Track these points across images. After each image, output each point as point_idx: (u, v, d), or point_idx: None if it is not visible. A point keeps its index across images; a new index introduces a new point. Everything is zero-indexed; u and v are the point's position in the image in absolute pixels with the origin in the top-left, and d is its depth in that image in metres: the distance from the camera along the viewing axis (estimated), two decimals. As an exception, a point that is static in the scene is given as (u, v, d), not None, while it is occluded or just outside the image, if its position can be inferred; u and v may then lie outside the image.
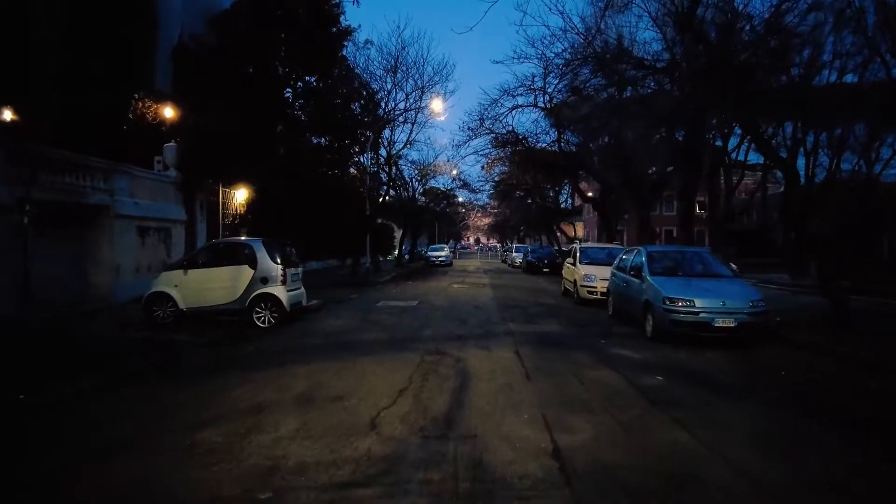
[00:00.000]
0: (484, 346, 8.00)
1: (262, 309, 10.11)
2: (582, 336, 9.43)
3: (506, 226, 60.15)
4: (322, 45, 19.58)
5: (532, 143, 20.82)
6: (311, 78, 21.18)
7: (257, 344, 8.49)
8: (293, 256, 11.40)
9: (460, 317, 11.17)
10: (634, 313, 10.15)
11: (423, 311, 12.00)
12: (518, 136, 20.20)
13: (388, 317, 11.13)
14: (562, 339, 9.01)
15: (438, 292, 16.95)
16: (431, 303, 13.79)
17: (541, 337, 9.17)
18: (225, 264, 10.32)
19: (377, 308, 12.69)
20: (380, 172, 27.56)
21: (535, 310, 12.90)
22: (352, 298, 15.10)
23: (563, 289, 16.79)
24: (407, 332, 9.19)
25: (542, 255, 28.90)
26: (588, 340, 8.96)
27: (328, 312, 12.03)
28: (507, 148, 20.92)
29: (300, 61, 19.70)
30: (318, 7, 19.33)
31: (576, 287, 14.47)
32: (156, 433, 4.40)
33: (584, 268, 14.42)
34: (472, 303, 13.95)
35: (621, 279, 11.00)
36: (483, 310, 12.50)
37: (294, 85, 21.05)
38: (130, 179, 13.25)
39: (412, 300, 14.34)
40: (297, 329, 9.80)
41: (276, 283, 10.20)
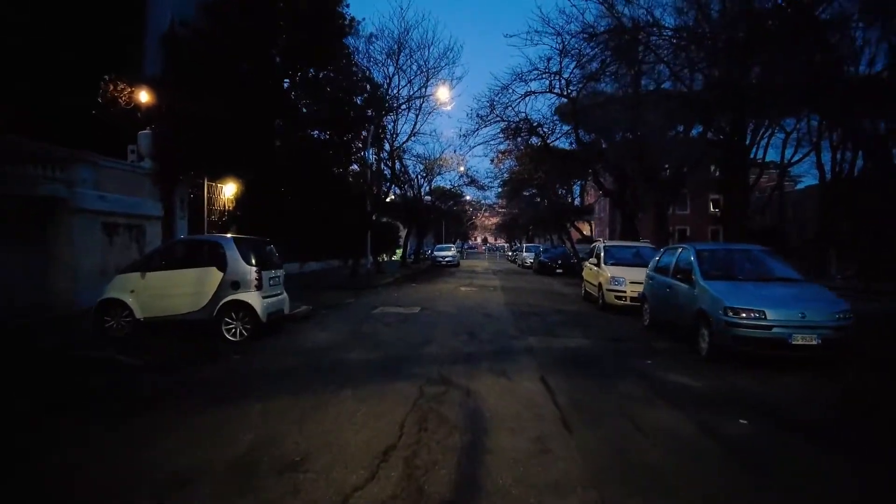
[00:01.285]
0: (500, 371, 6.28)
1: (233, 319, 8.46)
2: (619, 354, 7.68)
3: (514, 225, 58.30)
4: (323, 36, 18.10)
5: (548, 130, 19.03)
6: (312, 70, 19.65)
7: (218, 366, 6.84)
8: (273, 257, 9.75)
9: (469, 328, 9.46)
10: (681, 325, 8.40)
11: (425, 321, 10.30)
12: (532, 124, 18.40)
13: (384, 328, 9.44)
14: (596, 359, 7.28)
15: (444, 296, 15.25)
16: (436, 309, 12.09)
17: (569, 355, 7.44)
18: (189, 266, 8.69)
19: (373, 316, 11.01)
20: (382, 167, 25.93)
21: (556, 318, 11.16)
22: (347, 304, 13.43)
23: (583, 292, 15.03)
24: (404, 350, 7.49)
25: (555, 255, 27.11)
26: (629, 361, 7.22)
27: (316, 321, 10.37)
28: (519, 137, 19.08)
29: (299, 51, 18.18)
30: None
31: (601, 291, 12.71)
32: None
33: (611, 269, 12.65)
34: (483, 309, 12.23)
35: (662, 283, 9.24)
36: (495, 319, 10.78)
37: (293, 76, 19.45)
38: (94, 170, 11.66)
39: (414, 306, 12.64)
40: (273, 344, 8.14)
41: (249, 288, 8.56)
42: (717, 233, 49.80)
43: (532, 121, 18.22)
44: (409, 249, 37.78)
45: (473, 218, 68.28)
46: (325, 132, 21.48)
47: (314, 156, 21.26)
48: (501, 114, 17.53)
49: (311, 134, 21.22)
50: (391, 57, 20.55)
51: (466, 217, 63.87)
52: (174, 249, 9.24)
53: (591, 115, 19.24)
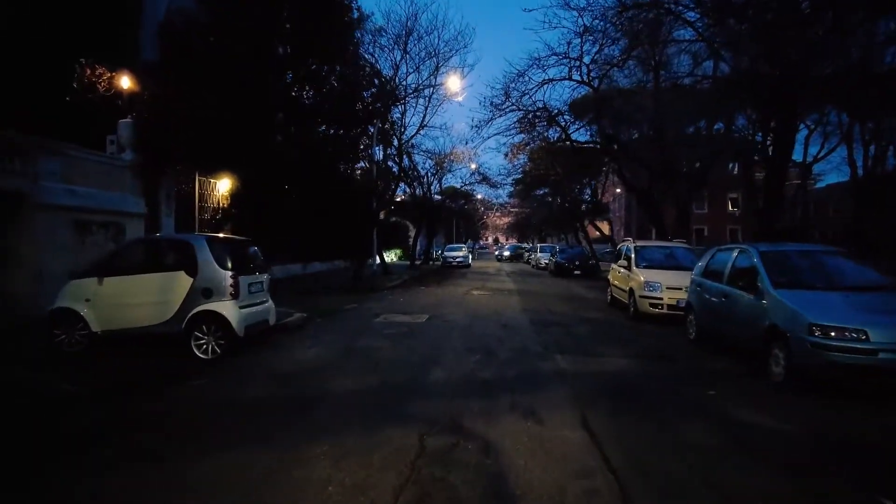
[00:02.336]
0: (528, 410, 4.85)
1: (205, 333, 7.14)
2: (671, 380, 6.22)
3: (527, 224, 56.75)
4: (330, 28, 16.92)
5: (568, 119, 17.52)
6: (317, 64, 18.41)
7: (173, 394, 5.50)
8: (256, 260, 8.41)
9: (485, 343, 8.04)
10: (741, 342, 6.92)
11: (433, 334, 8.88)
12: (551, 112, 16.87)
13: (385, 343, 8.05)
14: (644, 388, 5.81)
15: (455, 302, 13.83)
16: (446, 318, 10.68)
17: (610, 383, 5.99)
18: (154, 270, 7.37)
19: (374, 326, 9.63)
20: (390, 164, 24.62)
21: (583, 329, 9.69)
22: (347, 310, 12.09)
23: (609, 298, 13.53)
24: (405, 375, 6.09)
25: (573, 256, 25.54)
26: (685, 390, 5.75)
27: (307, 333, 9.02)
28: (537, 129, 17.59)
29: (305, 44, 16.97)
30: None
31: (632, 298, 11.21)
32: None
33: (644, 273, 11.15)
34: (499, 318, 10.80)
35: (714, 291, 7.74)
36: (515, 330, 9.34)
37: (297, 69, 18.16)
38: (64, 161, 10.44)
39: (421, 313, 11.25)
40: (249, 364, 6.79)
41: (223, 296, 7.22)
42: (735, 232, 47.98)
43: (551, 109, 16.71)
44: (419, 250, 36.44)
45: (485, 217, 66.87)
46: (331, 128, 20.32)
47: (318, 152, 20.07)
48: (517, 102, 16.07)
49: (316, 129, 20.07)
50: (398, 42, 19.17)
51: (478, 217, 62.48)
52: (136, 250, 7.92)
53: (614, 104, 17.74)
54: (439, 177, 32.07)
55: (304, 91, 19.44)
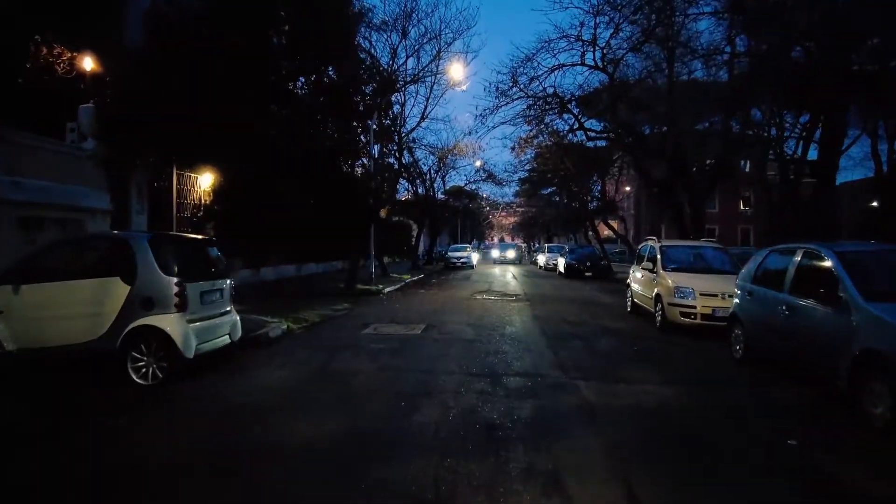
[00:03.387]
0: (550, 477, 3.43)
1: (144, 353, 5.78)
2: (731, 418, 4.78)
3: (534, 223, 55.21)
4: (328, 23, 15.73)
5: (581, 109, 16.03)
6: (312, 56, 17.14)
7: (73, 443, 4.12)
8: (216, 263, 7.04)
9: (489, 364, 6.62)
10: (814, 366, 5.47)
11: (427, 351, 7.46)
12: (562, 99, 15.38)
13: (366, 364, 6.63)
14: (701, 434, 4.37)
15: (457, 308, 12.43)
16: (445, 329, 9.27)
17: (654, 426, 4.55)
18: (84, 275, 6.02)
19: (360, 340, 8.23)
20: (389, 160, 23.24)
21: (606, 343, 8.26)
22: (335, 318, 10.73)
23: (629, 303, 12.07)
24: (382, 418, 4.64)
25: (584, 256, 24.04)
26: (755, 435, 4.33)
27: (280, 349, 7.64)
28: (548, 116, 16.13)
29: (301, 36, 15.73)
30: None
31: (659, 305, 9.76)
32: None
33: (673, 276, 9.69)
34: (506, 329, 9.38)
35: (771, 302, 6.28)
36: (525, 345, 7.92)
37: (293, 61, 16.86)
38: (7, 149, 9.13)
39: (417, 323, 9.85)
40: (192, 395, 5.40)
41: (167, 307, 5.86)
42: (748, 232, 46.33)
43: (562, 94, 15.23)
44: (422, 250, 35.07)
45: (490, 217, 65.40)
46: (329, 122, 19.08)
47: (314, 146, 18.84)
48: (526, 88, 14.62)
49: (313, 123, 18.82)
50: (395, 26, 17.76)
51: (483, 216, 61.05)
52: (62, 252, 6.53)
53: (630, 92, 16.27)
54: (442, 174, 30.73)
55: (301, 84, 18.26)
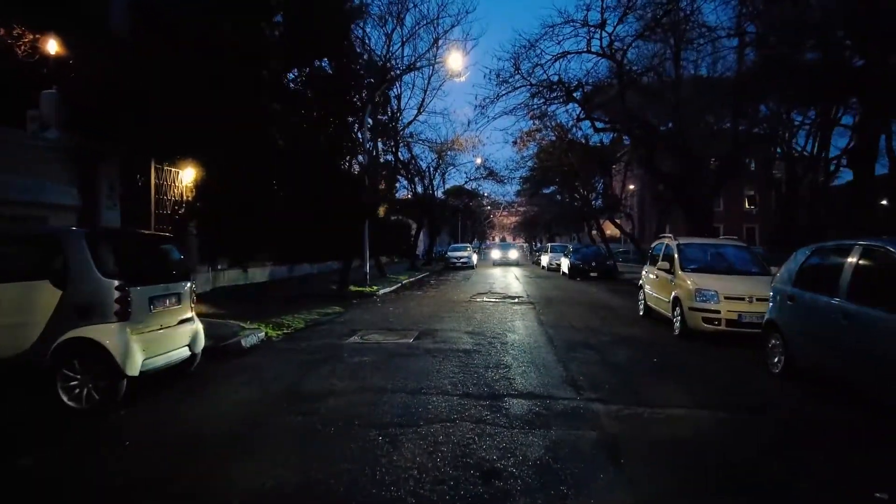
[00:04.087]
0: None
1: (78, 371, 4.85)
2: (791, 459, 3.82)
3: (536, 223, 54.25)
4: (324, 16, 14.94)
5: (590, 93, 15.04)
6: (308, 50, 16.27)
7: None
8: (172, 263, 6.11)
9: (489, 382, 5.66)
10: (886, 388, 4.52)
11: (418, 364, 6.50)
12: (568, 86, 14.40)
13: (344, 382, 5.67)
14: (759, 479, 3.42)
15: (455, 311, 11.48)
16: (440, 337, 8.32)
17: (695, 467, 3.60)
18: (7, 278, 5.08)
19: (343, 351, 7.28)
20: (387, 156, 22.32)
21: (622, 354, 7.30)
22: (321, 323, 9.79)
23: (641, 307, 11.11)
24: (350, 462, 3.59)
25: (588, 256, 23.06)
26: (827, 483, 3.37)
27: (249, 363, 6.70)
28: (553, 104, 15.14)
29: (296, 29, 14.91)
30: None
31: (677, 309, 8.79)
32: None
33: (693, 278, 8.74)
34: (509, 337, 8.42)
35: (822, 309, 5.32)
36: (531, 356, 6.97)
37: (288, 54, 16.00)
38: (-47, 137, 8.22)
39: (410, 329, 8.90)
40: (125, 424, 4.44)
41: (106, 316, 4.92)
42: (753, 231, 45.37)
43: (568, 82, 14.25)
44: (421, 249, 34.16)
45: (491, 216, 64.50)
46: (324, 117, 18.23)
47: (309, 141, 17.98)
48: (528, 75, 13.66)
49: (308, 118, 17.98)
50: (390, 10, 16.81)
51: (484, 216, 60.16)
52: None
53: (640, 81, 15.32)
54: (442, 171, 29.80)
55: (294, 77, 17.42)
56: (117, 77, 9.98)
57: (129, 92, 9.94)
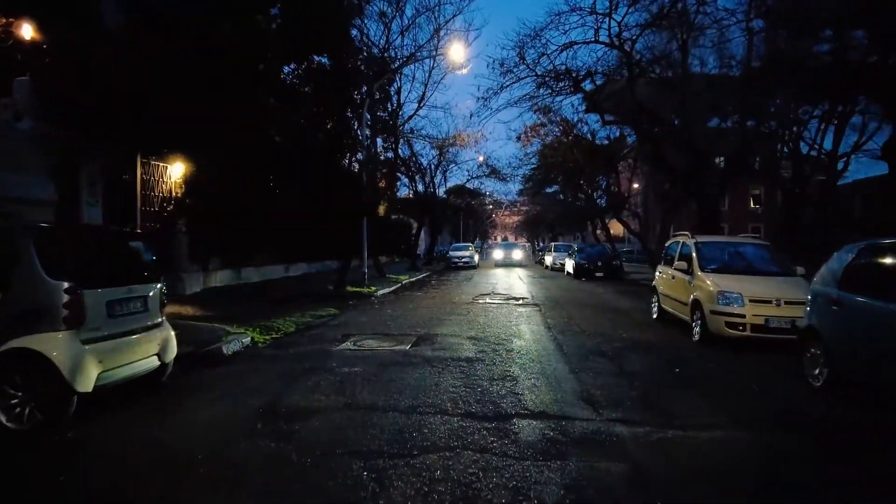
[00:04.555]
0: None
1: (18, 387, 4.21)
2: (860, 493, 3.16)
3: (539, 222, 53.59)
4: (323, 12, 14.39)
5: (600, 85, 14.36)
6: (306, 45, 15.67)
7: None
8: (138, 263, 5.45)
9: (496, 398, 4.99)
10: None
11: (414, 375, 5.83)
12: (577, 75, 13.68)
13: (330, 399, 5.00)
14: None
15: (456, 313, 10.82)
16: (440, 343, 7.66)
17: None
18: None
19: (332, 359, 6.62)
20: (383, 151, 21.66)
21: (638, 362, 6.63)
22: (313, 327, 9.15)
23: (654, 309, 10.43)
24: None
25: (594, 256, 22.38)
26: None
27: (228, 372, 6.04)
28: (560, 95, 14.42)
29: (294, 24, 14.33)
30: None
31: (697, 313, 8.11)
32: None
33: (714, 279, 8.06)
34: (515, 343, 7.76)
35: (876, 315, 4.65)
36: (540, 366, 6.30)
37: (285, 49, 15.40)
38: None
39: (408, 334, 8.24)
40: (66, 451, 3.79)
41: (54, 323, 4.27)
42: (758, 231, 44.64)
43: (577, 71, 13.53)
44: (422, 249, 33.51)
45: (494, 216, 63.82)
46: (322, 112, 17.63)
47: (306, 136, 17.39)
48: (534, 65, 12.97)
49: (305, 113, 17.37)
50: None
51: (486, 215, 59.49)
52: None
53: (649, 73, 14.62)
54: (443, 169, 29.10)
55: (291, 71, 16.83)
56: (101, 66, 9.37)
57: (114, 82, 9.34)
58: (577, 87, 14.04)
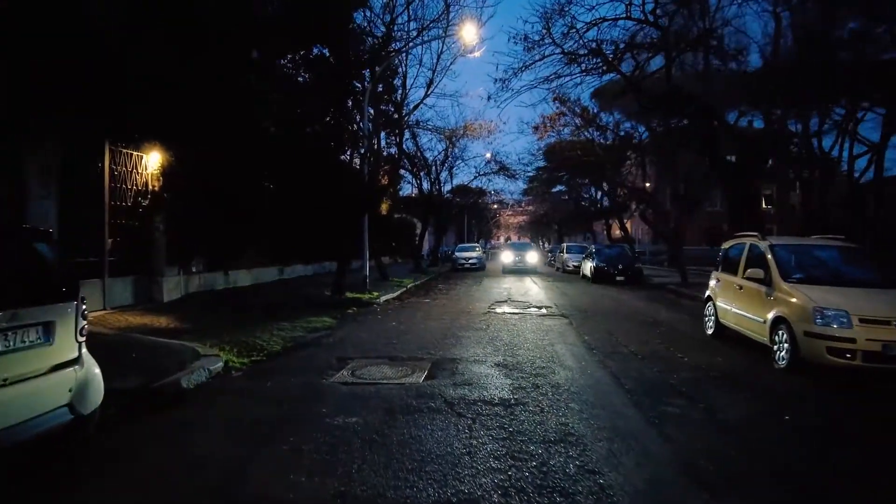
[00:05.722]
0: None
1: None
2: None
3: (545, 222, 51.98)
4: None
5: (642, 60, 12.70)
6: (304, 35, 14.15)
7: None
8: (44, 273, 3.82)
9: (562, 477, 3.35)
10: None
11: (433, 440, 4.12)
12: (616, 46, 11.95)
13: (313, 483, 3.36)
14: None
15: (473, 328, 9.18)
16: (461, 373, 6.01)
17: None
18: None
19: (321, 401, 4.97)
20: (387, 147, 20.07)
21: (724, 401, 4.98)
22: (302, 346, 7.51)
23: (710, 325, 8.76)
24: None
25: (614, 258, 20.66)
26: None
27: (172, 424, 4.39)
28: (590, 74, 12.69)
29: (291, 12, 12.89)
30: None
31: (782, 333, 6.45)
32: None
33: (806, 291, 6.41)
34: (558, 373, 6.10)
35: None
36: (604, 413, 4.64)
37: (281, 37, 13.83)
38: None
39: (420, 358, 6.61)
40: None
41: None
42: (770, 232, 42.99)
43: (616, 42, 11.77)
44: (426, 249, 31.88)
45: (498, 215, 62.27)
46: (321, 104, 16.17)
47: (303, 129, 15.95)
48: (561, 41, 11.31)
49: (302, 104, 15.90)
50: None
51: (490, 214, 57.93)
52: None
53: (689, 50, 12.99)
54: (449, 165, 27.45)
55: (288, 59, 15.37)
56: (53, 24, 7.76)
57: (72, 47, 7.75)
58: (611, 65, 12.34)
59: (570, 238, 48.07)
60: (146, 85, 9.00)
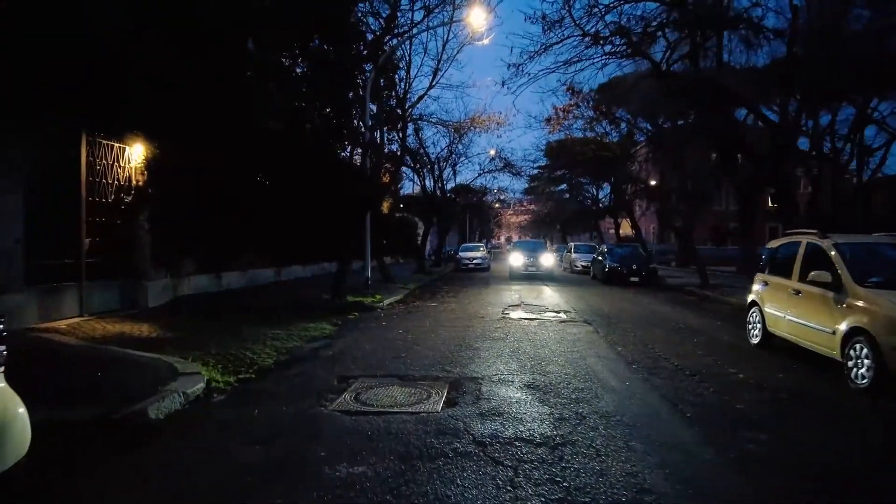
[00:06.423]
0: None
1: None
2: None
3: (550, 220, 51.01)
4: None
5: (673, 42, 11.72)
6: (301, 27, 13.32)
7: None
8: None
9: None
10: None
11: (468, 485, 3.24)
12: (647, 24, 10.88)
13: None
14: None
15: (490, 337, 8.22)
16: (487, 395, 5.05)
17: None
18: None
19: (317, 440, 4.00)
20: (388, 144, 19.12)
21: (811, 435, 4.05)
22: (298, 360, 6.56)
23: (756, 333, 7.80)
24: None
25: (628, 258, 19.70)
26: None
27: (116, 481, 3.43)
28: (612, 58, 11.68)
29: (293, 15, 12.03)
30: None
31: (859, 347, 5.49)
32: None
33: (891, 298, 5.46)
34: (602, 397, 5.13)
35: None
36: (671, 453, 3.70)
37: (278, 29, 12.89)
38: None
39: (435, 377, 5.65)
40: None
41: None
42: (775, 230, 42.09)
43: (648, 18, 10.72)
44: (429, 249, 30.92)
45: (500, 215, 61.39)
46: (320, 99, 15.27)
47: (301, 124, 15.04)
48: (582, 21, 10.34)
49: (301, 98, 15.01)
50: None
51: (493, 214, 57.05)
52: None
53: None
54: (452, 163, 26.51)
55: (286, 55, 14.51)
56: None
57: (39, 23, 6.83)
58: (636, 48, 11.33)
59: (574, 237, 47.11)
60: (130, 72, 8.12)
